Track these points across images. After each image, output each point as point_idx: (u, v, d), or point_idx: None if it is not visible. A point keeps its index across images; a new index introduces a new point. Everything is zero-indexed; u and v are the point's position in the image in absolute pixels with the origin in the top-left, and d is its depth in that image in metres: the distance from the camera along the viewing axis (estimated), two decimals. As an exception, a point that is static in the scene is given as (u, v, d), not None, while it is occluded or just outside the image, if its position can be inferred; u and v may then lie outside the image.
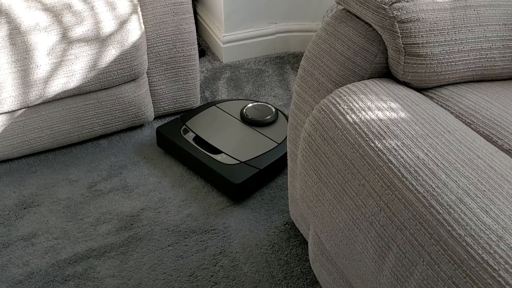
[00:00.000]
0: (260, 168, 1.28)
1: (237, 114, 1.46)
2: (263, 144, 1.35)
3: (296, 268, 1.12)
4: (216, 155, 1.32)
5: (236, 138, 1.37)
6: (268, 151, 1.33)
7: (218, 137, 1.38)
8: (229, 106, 1.50)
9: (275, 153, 1.33)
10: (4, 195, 1.31)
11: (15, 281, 1.10)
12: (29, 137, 1.37)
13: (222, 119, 1.44)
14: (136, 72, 1.39)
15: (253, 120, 1.42)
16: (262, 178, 1.31)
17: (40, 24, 1.23)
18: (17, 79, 1.25)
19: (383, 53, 0.86)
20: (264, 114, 1.44)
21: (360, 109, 0.76)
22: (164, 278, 1.10)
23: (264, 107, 1.47)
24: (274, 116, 1.44)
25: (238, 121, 1.43)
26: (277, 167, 1.34)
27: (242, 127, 1.41)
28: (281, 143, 1.35)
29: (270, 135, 1.38)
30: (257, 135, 1.38)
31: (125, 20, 1.31)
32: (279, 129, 1.41)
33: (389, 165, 0.68)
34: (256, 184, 1.30)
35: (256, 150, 1.33)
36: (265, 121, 1.42)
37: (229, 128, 1.41)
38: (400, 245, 0.65)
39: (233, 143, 1.36)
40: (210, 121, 1.44)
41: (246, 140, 1.37)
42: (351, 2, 0.88)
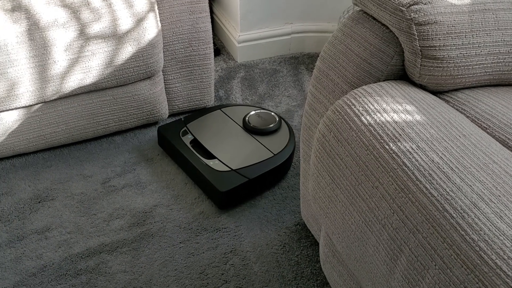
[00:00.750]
0: (249, 177, 1.25)
1: (240, 120, 1.43)
2: (258, 154, 1.32)
3: (307, 269, 1.12)
4: (209, 160, 1.30)
5: (233, 144, 1.35)
6: (262, 161, 1.29)
7: (216, 142, 1.36)
8: (234, 111, 1.48)
9: (268, 163, 1.29)
10: (19, 188, 1.33)
11: (28, 274, 1.11)
12: (45, 132, 1.39)
13: (224, 124, 1.42)
14: (152, 70, 1.40)
15: (254, 128, 1.38)
16: (253, 188, 1.27)
17: (59, 20, 1.24)
18: (35, 74, 1.27)
19: (399, 55, 0.85)
20: (266, 122, 1.40)
21: (375, 111, 0.76)
22: (175, 274, 1.11)
23: (268, 115, 1.43)
24: (277, 126, 1.40)
25: (240, 128, 1.40)
26: (270, 178, 1.30)
27: (242, 134, 1.38)
28: (277, 154, 1.31)
29: (268, 145, 1.34)
30: (255, 144, 1.34)
31: (142, 18, 1.32)
32: (279, 139, 1.37)
33: (403, 168, 0.68)
34: (245, 193, 1.27)
35: (250, 159, 1.30)
36: (266, 130, 1.38)
37: (228, 134, 1.38)
38: (413, 249, 0.64)
39: (228, 150, 1.33)
40: (212, 125, 1.42)
41: (243, 148, 1.34)
42: (368, 3, 0.87)
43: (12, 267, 1.13)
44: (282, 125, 1.42)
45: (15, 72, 1.24)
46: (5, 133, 1.35)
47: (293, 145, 1.35)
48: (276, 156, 1.31)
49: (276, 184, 1.34)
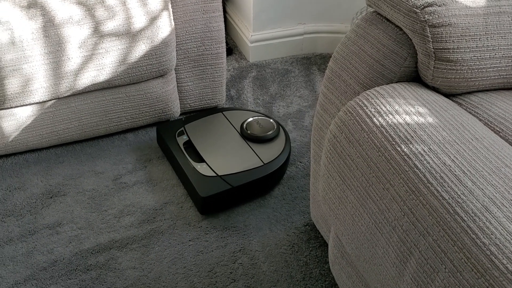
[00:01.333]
0: (232, 185, 1.22)
1: (239, 126, 1.40)
2: (248, 161, 1.29)
3: (315, 270, 1.12)
4: (197, 163, 1.28)
5: (225, 150, 1.33)
6: (250, 169, 1.26)
7: (209, 146, 1.34)
8: (235, 115, 1.45)
9: (256, 172, 1.26)
10: (32, 183, 1.34)
11: (39, 268, 1.12)
12: (58, 128, 1.40)
13: (222, 128, 1.40)
14: (165, 68, 1.40)
15: (250, 135, 1.35)
16: (236, 196, 1.25)
17: (74, 17, 1.25)
18: (49, 70, 1.28)
19: (412, 57, 0.85)
20: (263, 130, 1.37)
21: (387, 112, 0.76)
22: (184, 272, 1.11)
23: (267, 123, 1.40)
24: (274, 134, 1.36)
25: (237, 133, 1.37)
26: (257, 187, 1.27)
27: (237, 140, 1.35)
28: (267, 164, 1.28)
29: (260, 153, 1.31)
30: (247, 151, 1.32)
31: (156, 16, 1.32)
32: (273, 148, 1.33)
33: (414, 170, 0.68)
34: (228, 200, 1.25)
35: (239, 166, 1.27)
36: (261, 138, 1.35)
37: (224, 139, 1.36)
38: (423, 251, 0.64)
39: (219, 155, 1.31)
40: (209, 127, 1.41)
41: (235, 154, 1.31)
42: (382, 4, 0.87)
43: (23, 261, 1.14)
44: (280, 133, 1.38)
45: (29, 68, 1.26)
46: (18, 128, 1.36)
47: (286, 155, 1.32)
48: (265, 166, 1.28)
49: (266, 193, 1.30)
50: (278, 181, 1.33)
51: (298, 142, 1.49)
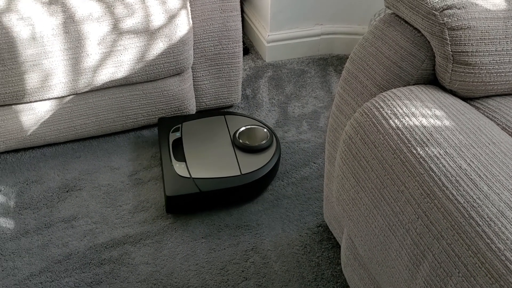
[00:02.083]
0: (201, 189, 1.22)
1: (233, 132, 1.39)
2: (227, 169, 1.27)
3: (327, 271, 1.12)
4: (177, 162, 1.28)
5: (210, 153, 1.32)
6: (225, 177, 1.25)
7: (195, 147, 1.33)
8: (236, 120, 1.44)
9: (230, 181, 1.24)
10: (48, 177, 1.36)
11: (54, 261, 1.14)
12: (76, 123, 1.42)
13: (217, 132, 1.39)
14: (182, 67, 1.41)
15: (240, 143, 1.33)
16: (205, 201, 1.24)
17: (93, 14, 1.27)
18: (68, 66, 1.30)
19: (430, 60, 0.85)
20: (254, 140, 1.35)
21: (403, 114, 0.75)
22: (196, 269, 1.12)
23: (261, 133, 1.37)
24: (263, 146, 1.33)
25: (229, 139, 1.36)
26: (229, 196, 1.25)
27: (226, 146, 1.34)
28: (243, 174, 1.25)
29: (242, 163, 1.28)
30: (230, 159, 1.30)
31: (174, 15, 1.33)
32: (258, 160, 1.30)
33: (430, 173, 0.67)
34: (195, 204, 1.24)
35: (215, 172, 1.26)
36: (249, 147, 1.32)
37: (214, 142, 1.35)
38: (436, 255, 0.64)
39: (202, 157, 1.30)
40: (205, 129, 1.40)
41: (217, 160, 1.30)
42: (400, 6, 0.87)
43: (39, 253, 1.16)
44: (270, 146, 1.35)
45: (49, 63, 1.28)
46: (37, 123, 1.38)
47: (268, 168, 1.29)
48: (241, 176, 1.25)
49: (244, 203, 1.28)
50: (258, 193, 1.30)
51: (313, 143, 1.48)
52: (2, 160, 1.42)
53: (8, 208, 1.27)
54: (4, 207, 1.27)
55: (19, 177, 1.36)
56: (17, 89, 1.29)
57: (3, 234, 1.20)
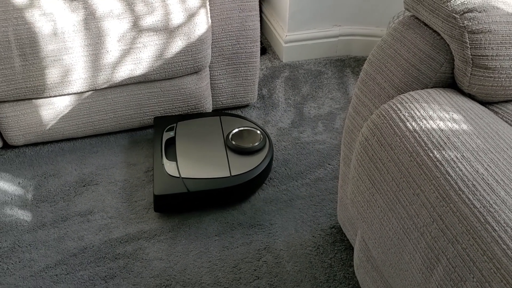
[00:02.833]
0: (189, 190, 1.21)
1: (227, 133, 1.38)
2: (217, 170, 1.26)
3: (339, 273, 1.12)
4: (168, 161, 1.28)
5: (202, 154, 1.31)
6: (215, 178, 1.24)
7: (187, 147, 1.33)
8: (230, 121, 1.43)
9: (219, 182, 1.23)
10: (66, 171, 1.38)
11: (69, 254, 1.16)
12: (94, 118, 1.44)
13: (211, 132, 1.39)
14: (200, 65, 1.42)
15: (232, 145, 1.33)
16: (193, 201, 1.24)
17: (114, 11, 1.28)
18: (88, 62, 1.32)
19: (449, 63, 0.84)
20: (246, 142, 1.34)
21: (421, 117, 0.75)
22: (209, 266, 1.13)
23: (254, 135, 1.36)
24: (255, 148, 1.32)
25: (222, 140, 1.36)
26: (218, 197, 1.25)
27: (218, 147, 1.33)
28: (233, 176, 1.25)
29: (232, 165, 1.28)
30: (221, 160, 1.29)
31: (194, 13, 1.34)
32: (249, 162, 1.29)
33: (446, 177, 0.67)
34: (183, 204, 1.24)
35: (205, 173, 1.25)
36: (241, 149, 1.32)
37: (207, 143, 1.35)
38: (451, 259, 0.63)
39: (193, 157, 1.30)
40: (199, 129, 1.40)
41: (208, 160, 1.29)
42: (420, 9, 0.86)
43: (55, 246, 1.17)
44: (262, 149, 1.34)
45: (69, 59, 1.29)
46: (56, 117, 1.41)
47: (258, 171, 1.28)
48: (231, 178, 1.25)
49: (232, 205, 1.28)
50: (247, 195, 1.30)
51: (328, 144, 1.48)
52: (21, 153, 1.45)
53: (26, 200, 1.29)
54: (22, 200, 1.30)
55: (37, 170, 1.39)
56: (38, 84, 1.31)
57: (20, 226, 1.22)
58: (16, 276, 1.11)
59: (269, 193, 1.32)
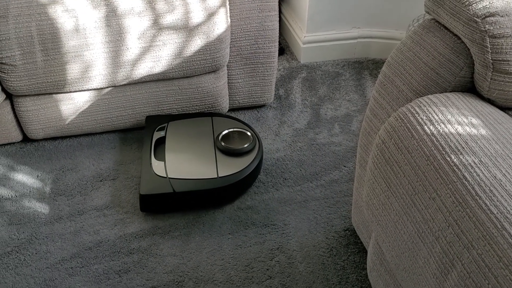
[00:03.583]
0: (175, 190, 1.21)
1: (217, 133, 1.38)
2: (205, 171, 1.26)
3: (352, 275, 1.12)
4: (156, 161, 1.28)
5: (191, 154, 1.30)
6: (202, 179, 1.23)
7: (177, 147, 1.32)
8: (222, 122, 1.42)
9: (205, 183, 1.23)
10: (84, 166, 1.40)
11: (85, 247, 1.17)
12: (112, 114, 1.46)
13: (201, 133, 1.38)
14: (218, 64, 1.43)
15: (221, 145, 1.32)
16: (179, 201, 1.23)
17: (135, 9, 1.30)
18: (108, 59, 1.33)
19: (469, 67, 0.83)
20: (235, 143, 1.33)
21: (439, 121, 0.74)
22: (222, 264, 1.14)
23: (244, 137, 1.35)
24: (244, 150, 1.31)
25: (212, 141, 1.35)
26: (203, 197, 1.24)
27: (208, 148, 1.33)
28: (220, 177, 1.24)
29: (220, 166, 1.27)
30: (210, 161, 1.28)
31: (213, 13, 1.35)
32: (237, 164, 1.28)
33: (463, 182, 0.66)
34: (169, 204, 1.23)
35: (192, 173, 1.25)
36: (230, 150, 1.31)
37: (196, 143, 1.34)
38: (466, 264, 0.63)
39: (181, 158, 1.29)
40: (190, 129, 1.39)
41: (196, 161, 1.28)
42: (441, 12, 0.86)
43: (71, 239, 1.19)
44: (252, 150, 1.33)
45: (90, 55, 1.31)
46: (75, 112, 1.43)
47: (247, 173, 1.27)
48: (218, 179, 1.24)
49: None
50: (234, 197, 1.29)
51: (344, 146, 1.48)
52: (41, 147, 1.47)
53: (44, 193, 1.31)
54: (40, 193, 1.32)
55: (56, 164, 1.41)
56: (59, 79, 1.33)
57: (38, 219, 1.24)
58: (33, 268, 1.13)
59: (283, 193, 1.32)
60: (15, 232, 1.21)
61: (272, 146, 1.47)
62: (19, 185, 1.34)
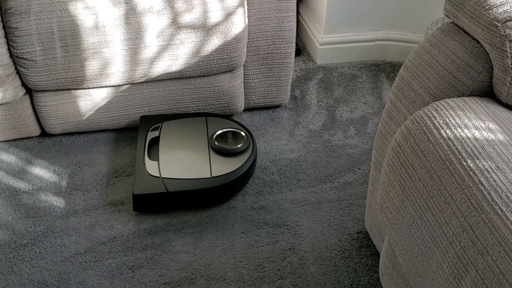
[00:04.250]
0: (168, 190, 1.21)
1: (211, 133, 1.38)
2: (198, 171, 1.26)
3: (364, 278, 1.11)
4: (150, 160, 1.28)
5: (185, 154, 1.30)
6: (195, 179, 1.24)
7: (171, 147, 1.32)
8: (216, 122, 1.42)
9: (199, 183, 1.23)
10: (100, 161, 1.42)
11: (99, 242, 1.19)
12: (129, 111, 1.47)
13: (196, 133, 1.38)
14: (234, 64, 1.44)
15: (215, 145, 1.32)
16: (172, 201, 1.23)
17: (154, 7, 1.31)
18: (127, 56, 1.35)
19: (488, 72, 0.83)
20: (229, 143, 1.33)
21: (456, 125, 0.74)
22: (234, 263, 1.14)
23: (238, 137, 1.35)
24: (238, 150, 1.31)
25: (206, 141, 1.35)
26: (196, 197, 1.24)
27: (202, 148, 1.32)
28: (213, 177, 1.24)
29: (214, 166, 1.27)
30: (204, 161, 1.28)
31: (231, 12, 1.36)
32: (231, 164, 1.28)
33: (479, 187, 0.66)
34: (163, 203, 1.23)
35: (186, 173, 1.25)
36: (224, 150, 1.31)
37: (191, 143, 1.34)
38: (480, 270, 0.62)
39: (175, 158, 1.29)
40: (185, 129, 1.39)
41: (190, 161, 1.28)
42: (460, 15, 0.85)
43: (85, 233, 1.21)
44: (245, 151, 1.33)
45: (109, 52, 1.33)
46: (93, 109, 1.44)
47: (240, 173, 1.27)
48: (211, 179, 1.24)
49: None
50: (227, 197, 1.29)
51: (359, 149, 1.47)
52: (58, 141, 1.49)
53: (60, 188, 1.33)
54: (57, 187, 1.34)
55: (72, 159, 1.43)
56: (77, 75, 1.35)
57: (54, 212, 1.26)
58: (47, 260, 1.14)
59: (297, 194, 1.32)
60: (31, 225, 1.23)
61: (287, 147, 1.48)
62: (36, 178, 1.36)
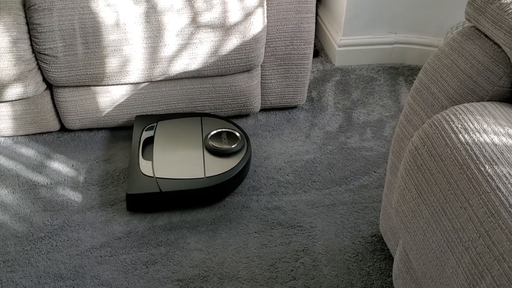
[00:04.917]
0: (162, 190, 1.21)
1: (206, 133, 1.38)
2: (192, 171, 1.26)
3: (377, 282, 1.11)
4: (144, 160, 1.28)
5: (179, 154, 1.30)
6: (189, 179, 1.24)
7: (165, 146, 1.32)
8: (211, 123, 1.42)
9: (192, 183, 1.23)
10: (118, 158, 1.43)
11: (115, 237, 1.20)
12: (147, 109, 1.49)
13: (190, 133, 1.37)
14: (252, 64, 1.44)
15: (209, 145, 1.32)
16: (166, 201, 1.23)
17: (174, 6, 1.32)
18: (146, 54, 1.36)
19: (508, 77, 0.82)
20: (223, 143, 1.33)
21: (474, 130, 0.73)
22: (247, 262, 1.14)
23: (233, 138, 1.35)
24: (233, 150, 1.31)
25: (200, 141, 1.35)
26: (190, 197, 1.24)
27: (196, 148, 1.32)
28: (207, 177, 1.24)
29: (208, 166, 1.27)
30: (198, 161, 1.28)
31: (251, 12, 1.36)
32: (225, 164, 1.28)
33: (496, 192, 0.65)
34: (156, 203, 1.23)
35: (180, 173, 1.25)
36: (218, 150, 1.31)
37: (185, 144, 1.34)
38: (495, 277, 0.62)
39: (169, 157, 1.29)
40: (179, 129, 1.39)
41: (184, 161, 1.28)
42: (482, 19, 0.84)
43: (101, 228, 1.22)
44: (240, 151, 1.33)
45: (129, 50, 1.34)
46: (112, 105, 1.46)
47: (234, 173, 1.27)
48: (205, 179, 1.24)
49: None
50: (221, 197, 1.29)
51: (375, 152, 1.47)
52: (77, 137, 1.51)
53: (77, 182, 1.35)
54: (74, 182, 1.35)
55: (90, 154, 1.44)
56: (98, 72, 1.37)
57: (71, 207, 1.28)
58: (64, 254, 1.16)
59: (311, 195, 1.32)
60: (48, 218, 1.25)
61: (302, 148, 1.48)
62: (55, 173, 1.38)
